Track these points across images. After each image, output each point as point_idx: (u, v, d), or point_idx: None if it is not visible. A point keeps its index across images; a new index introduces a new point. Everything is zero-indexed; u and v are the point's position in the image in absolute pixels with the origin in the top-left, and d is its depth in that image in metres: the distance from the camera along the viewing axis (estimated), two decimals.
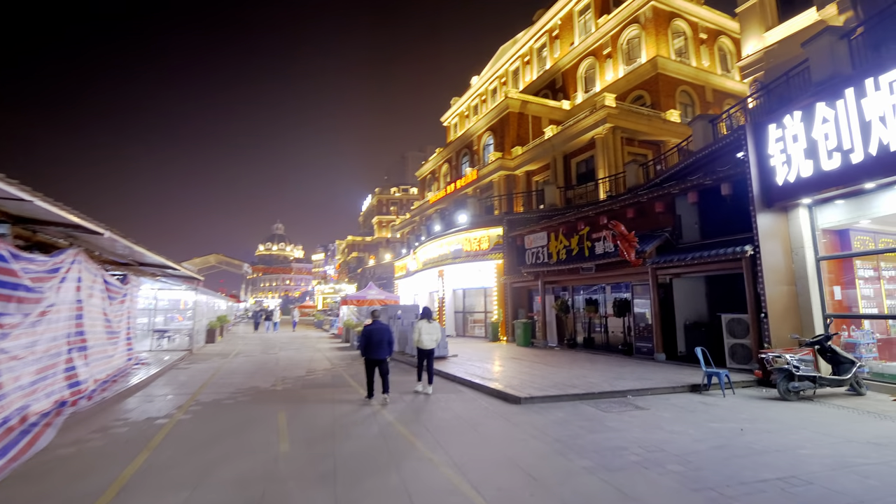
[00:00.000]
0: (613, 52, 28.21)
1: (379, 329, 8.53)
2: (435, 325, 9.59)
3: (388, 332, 8.63)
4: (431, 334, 9.40)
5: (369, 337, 8.43)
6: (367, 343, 8.40)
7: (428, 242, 25.28)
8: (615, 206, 14.30)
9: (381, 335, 8.46)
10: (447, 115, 48.07)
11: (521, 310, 19.67)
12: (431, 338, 9.37)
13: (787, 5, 16.58)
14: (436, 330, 9.53)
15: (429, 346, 9.30)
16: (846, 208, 9.16)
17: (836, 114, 8.43)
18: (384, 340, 8.45)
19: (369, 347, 8.38)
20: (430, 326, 9.44)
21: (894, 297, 9.61)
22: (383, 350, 8.43)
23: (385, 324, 8.79)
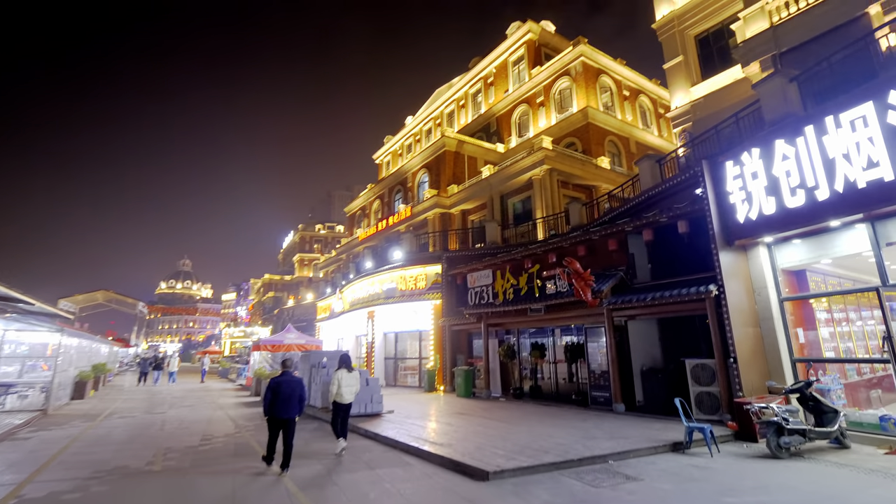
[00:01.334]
0: (546, 101, 29.15)
1: (289, 382, 7.25)
2: (355, 375, 8.68)
3: (299, 385, 7.36)
4: (351, 386, 8.46)
5: (277, 391, 7.11)
6: (274, 398, 7.08)
7: (357, 280, 23.19)
8: (565, 243, 13.58)
9: (292, 389, 7.19)
10: (380, 153, 47.16)
11: (461, 355, 18.10)
12: (351, 390, 8.45)
13: (709, 64, 17.77)
14: (356, 381, 8.62)
15: (348, 399, 8.38)
16: (806, 248, 8.94)
17: (796, 151, 8.27)
18: (294, 396, 7.18)
19: (276, 403, 7.06)
20: (349, 377, 8.49)
21: (846, 339, 9.47)
22: (292, 407, 7.14)
23: (297, 376, 7.58)
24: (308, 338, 20.48)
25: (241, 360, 36.64)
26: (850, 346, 9.34)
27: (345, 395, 8.30)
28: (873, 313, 8.79)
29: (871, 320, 9.11)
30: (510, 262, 15.14)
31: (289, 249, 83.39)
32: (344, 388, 8.29)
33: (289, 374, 7.49)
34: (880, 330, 7.95)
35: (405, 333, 21.50)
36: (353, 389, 8.47)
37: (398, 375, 21.21)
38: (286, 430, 7.08)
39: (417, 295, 19.39)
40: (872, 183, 7.22)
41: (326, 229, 77.32)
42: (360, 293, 22.58)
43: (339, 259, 41.43)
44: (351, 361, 8.84)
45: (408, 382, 20.39)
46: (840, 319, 9.50)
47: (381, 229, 33.25)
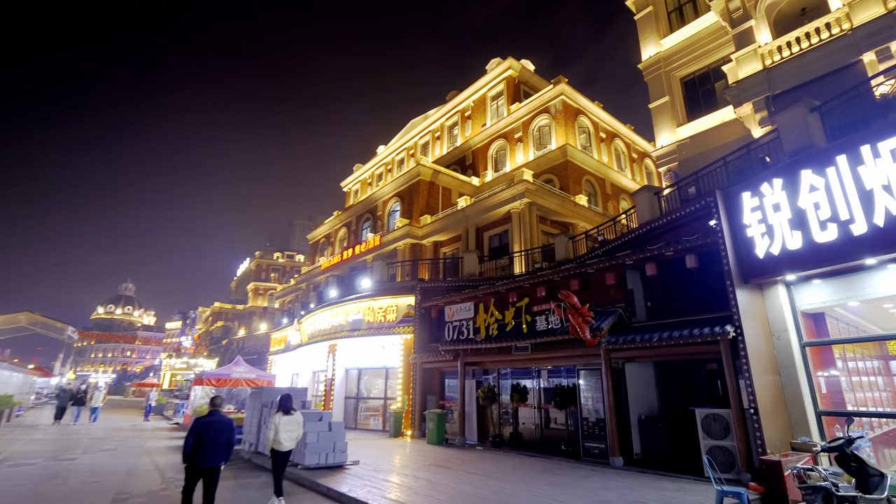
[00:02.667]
0: (524, 137, 29.03)
1: (217, 424, 6.32)
2: (296, 419, 7.88)
3: (228, 428, 6.44)
4: (291, 431, 7.70)
5: (202, 434, 6.16)
6: (198, 442, 6.13)
7: (319, 311, 21.24)
8: (556, 276, 12.53)
9: (219, 432, 6.27)
10: (349, 181, 45.86)
11: (432, 396, 16.39)
12: (291, 436, 7.68)
13: (695, 106, 17.88)
14: (297, 426, 7.85)
15: (287, 446, 7.59)
16: (830, 288, 8.21)
17: (826, 182, 7.63)
18: (221, 441, 6.26)
19: (199, 448, 6.10)
20: (289, 421, 7.72)
21: (873, 389, 8.69)
22: (218, 454, 6.24)
23: (226, 417, 6.68)
24: (259, 372, 18.24)
25: (181, 395, 33.00)
26: (876, 396, 8.55)
27: (283, 441, 7.49)
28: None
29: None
30: (494, 295, 13.91)
31: (243, 277, 79.13)
32: (282, 434, 7.51)
33: (217, 413, 6.52)
34: None
35: (370, 370, 19.57)
36: (293, 436, 7.68)
37: (359, 417, 19.09)
38: (208, 481, 6.15)
39: (386, 328, 17.71)
40: None
41: (285, 258, 74.13)
42: (322, 324, 20.62)
43: (299, 288, 39.00)
44: (291, 403, 8.01)
45: (370, 425, 18.31)
46: (865, 369, 8.73)
47: (347, 258, 31.47)
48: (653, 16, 19.85)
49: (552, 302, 11.48)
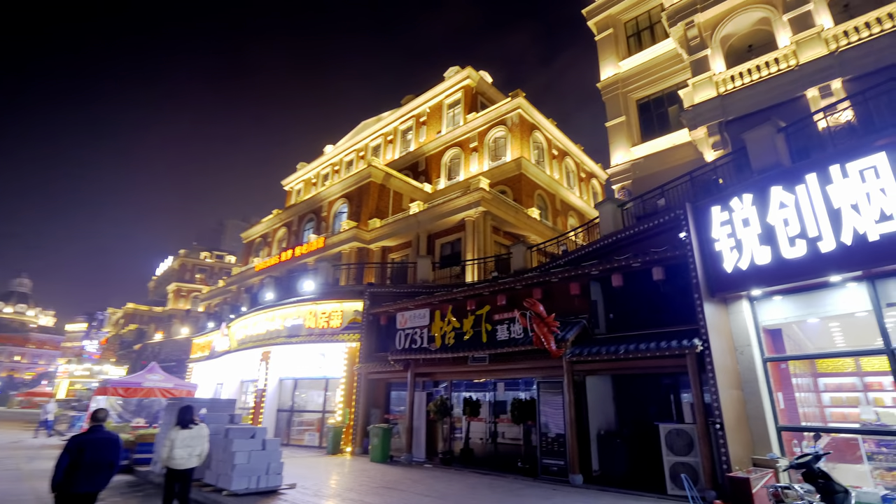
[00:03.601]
0: (480, 147, 28.91)
1: (99, 442, 5.47)
2: (198, 433, 7.02)
3: (114, 447, 5.63)
4: (191, 447, 6.83)
5: (79, 454, 5.24)
6: (74, 465, 5.19)
7: (252, 314, 19.41)
8: (518, 284, 12.06)
9: (101, 453, 5.40)
10: (291, 179, 43.62)
11: (376, 410, 15.26)
12: (191, 452, 6.81)
13: (649, 127, 18.44)
14: (200, 440, 6.98)
15: (184, 464, 6.73)
16: (792, 305, 8.31)
17: (796, 199, 7.72)
18: (104, 462, 5.42)
19: (76, 472, 5.17)
20: (188, 436, 6.86)
21: (828, 405, 8.88)
22: (100, 478, 5.40)
23: (112, 433, 5.85)
24: (177, 381, 16.21)
25: (79, 407, 29.05)
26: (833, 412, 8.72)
27: (178, 458, 6.66)
28: (862, 380, 8.26)
29: (857, 389, 8.54)
30: (451, 303, 13.20)
31: (164, 277, 72.69)
32: (178, 450, 6.68)
33: (101, 430, 5.66)
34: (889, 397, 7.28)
35: (307, 381, 18.03)
36: (193, 451, 6.82)
37: (292, 432, 17.44)
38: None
39: (330, 335, 16.39)
40: (886, 236, 6.69)
41: (214, 258, 69.07)
42: (255, 329, 18.81)
43: (228, 291, 36.12)
44: (192, 414, 7.16)
45: (304, 441, 16.73)
46: (826, 385, 8.91)
47: (286, 259, 29.52)
48: (613, 38, 20.44)
49: (516, 310, 10.95)
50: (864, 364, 9.08)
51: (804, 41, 12.95)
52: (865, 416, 8.62)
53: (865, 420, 8.44)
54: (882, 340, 7.05)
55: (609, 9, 20.89)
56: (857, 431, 7.63)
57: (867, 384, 9.04)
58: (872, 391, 9.08)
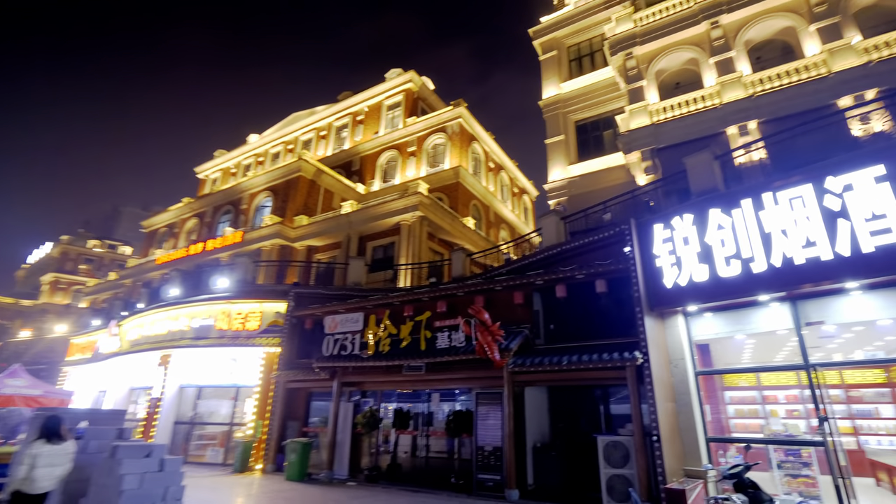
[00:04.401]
0: (418, 152, 28.48)
1: None
2: (64, 450, 5.76)
3: None
4: (55, 467, 5.58)
5: None
6: None
7: (151, 312, 17.06)
8: (459, 291, 11.67)
9: None
10: (207, 167, 40.04)
11: (294, 422, 13.93)
12: (52, 473, 5.55)
13: (586, 148, 19.20)
14: (64, 458, 5.74)
15: (44, 486, 5.47)
16: (722, 321, 8.74)
17: (733, 222, 8.16)
18: None
19: None
20: (52, 452, 5.60)
21: (752, 417, 9.42)
22: None
23: None
24: (48, 387, 13.73)
25: None
26: (749, 423, 9.25)
27: (39, 479, 5.36)
28: (780, 394, 8.84)
29: (782, 402, 9.16)
30: (388, 307, 12.45)
31: (39, 266, 62.98)
32: (40, 469, 5.37)
33: None
34: (803, 409, 7.80)
35: (213, 389, 16.08)
36: (55, 472, 5.57)
37: (191, 447, 15.37)
38: None
39: (245, 338, 14.79)
40: (811, 260, 7.22)
41: (105, 247, 61.27)
42: (154, 329, 16.52)
43: (120, 285, 31.91)
44: (60, 427, 5.84)
45: (206, 458, 14.80)
46: (748, 398, 9.44)
47: (196, 253, 26.73)
48: (556, 60, 21.15)
49: (460, 317, 10.49)
50: (774, 379, 9.79)
51: (727, 83, 14.18)
52: (774, 427, 9.29)
53: (775, 431, 9.09)
54: (802, 357, 7.57)
55: (554, 32, 21.63)
56: (778, 442, 8.11)
57: (767, 397, 9.84)
58: (771, 403, 9.90)
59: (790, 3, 14.22)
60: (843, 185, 7.09)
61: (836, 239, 6.94)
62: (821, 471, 8.05)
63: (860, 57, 12.35)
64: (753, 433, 9.76)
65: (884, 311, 7.07)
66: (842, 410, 9.91)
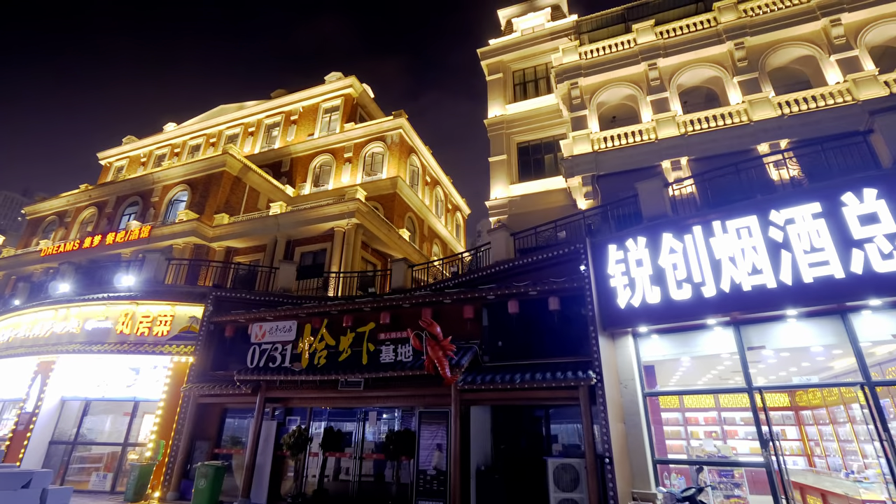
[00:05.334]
0: (355, 159, 27.53)
1: None
2: None
3: None
4: None
5: None
6: None
7: (31, 310, 14.37)
8: (405, 303, 11.05)
9: None
10: (113, 153, 35.87)
11: (203, 443, 12.25)
12: None
13: (527, 170, 19.60)
14: None
15: None
16: (669, 343, 9.00)
17: (684, 247, 8.50)
18: None
19: None
20: None
21: (697, 439, 9.71)
22: None
23: None
24: None
25: None
26: (679, 444, 9.53)
27: None
28: (701, 416, 9.19)
29: (722, 423, 9.53)
30: (324, 317, 11.46)
31: None
32: None
33: None
34: (746, 432, 8.13)
35: (105, 403, 13.74)
36: None
37: (70, 471, 12.89)
38: None
39: (151, 345, 12.88)
40: (757, 287, 7.64)
41: None
42: (34, 330, 13.88)
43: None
44: None
45: (91, 484, 12.45)
46: (693, 419, 9.73)
47: (92, 246, 23.46)
48: (502, 82, 21.60)
49: (409, 330, 9.84)
50: (695, 401, 10.24)
51: (662, 121, 15.21)
52: (707, 448, 9.70)
53: (709, 452, 9.48)
54: (744, 379, 7.95)
55: (501, 55, 22.14)
56: (728, 464, 8.36)
57: (689, 418, 10.30)
58: (693, 425, 10.37)
59: (717, 56, 15.71)
60: (785, 218, 7.63)
61: (779, 268, 7.40)
62: (750, 491, 8.46)
63: (775, 110, 13.84)
64: (677, 454, 10.17)
65: (817, 339, 7.63)
66: (751, 432, 10.67)
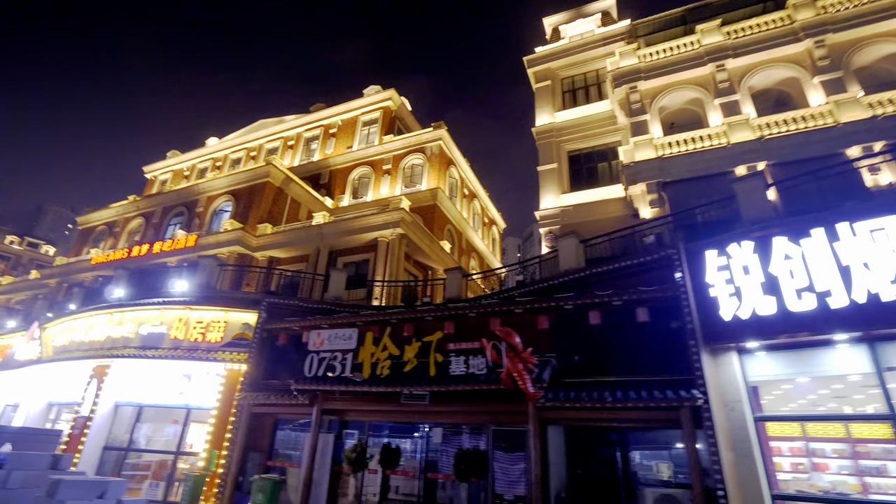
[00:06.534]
0: (394, 171, 27.33)
1: None
2: None
3: None
4: None
5: None
6: None
7: (87, 313, 14.34)
8: (471, 312, 10.37)
9: None
10: (157, 167, 36.88)
11: (256, 454, 11.75)
12: None
13: (578, 179, 18.84)
14: None
15: None
16: (782, 361, 8.02)
17: (802, 252, 7.59)
18: None
19: None
20: None
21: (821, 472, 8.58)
22: None
23: None
24: None
25: None
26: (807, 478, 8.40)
27: None
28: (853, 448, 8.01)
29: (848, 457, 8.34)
30: (384, 325, 10.89)
31: None
32: None
33: None
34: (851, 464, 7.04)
35: (157, 409, 13.46)
36: None
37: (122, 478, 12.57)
38: None
39: (204, 351, 12.56)
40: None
41: (25, 245, 54.45)
42: (90, 334, 13.80)
43: (43, 285, 27.76)
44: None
45: (142, 492, 12.09)
46: (814, 450, 8.56)
47: (140, 255, 23.77)
48: (550, 90, 21.04)
49: (485, 340, 9.14)
50: (822, 430, 8.99)
51: (734, 124, 14.30)
52: (819, 483, 8.52)
53: (822, 488, 8.31)
54: (885, 405, 6.91)
55: (549, 62, 21.63)
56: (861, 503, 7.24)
57: (813, 450, 9.06)
58: (817, 457, 9.12)
59: (794, 56, 14.77)
60: None
61: None
62: None
63: (865, 110, 12.79)
64: (782, 490, 8.97)
65: None
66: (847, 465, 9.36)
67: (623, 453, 9.28)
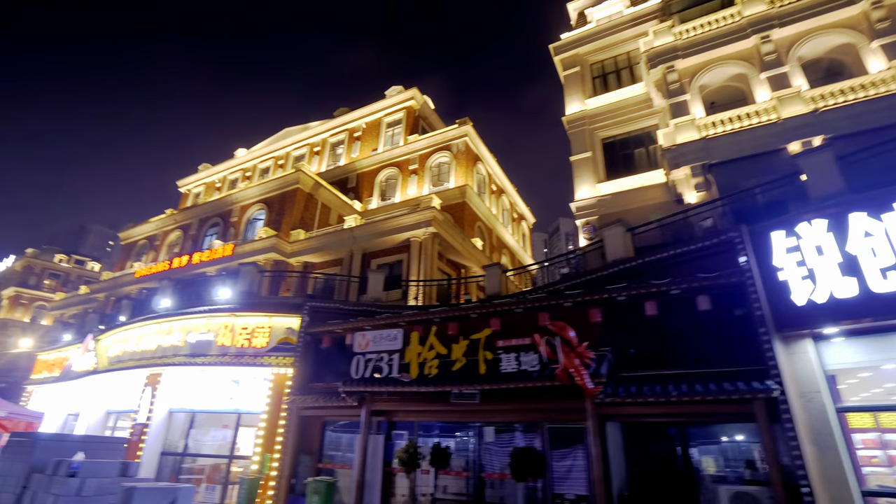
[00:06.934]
0: (420, 170, 27.17)
1: None
2: None
3: None
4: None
5: None
6: None
7: (137, 324, 14.75)
8: (517, 307, 10.07)
9: None
10: (190, 181, 37.79)
11: (306, 457, 11.78)
12: None
13: (614, 167, 18.20)
14: None
15: None
16: (861, 348, 7.42)
17: (885, 228, 6.98)
18: None
19: None
20: None
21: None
22: None
23: None
24: (13, 407, 11.23)
25: None
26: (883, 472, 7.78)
27: None
28: None
29: None
30: (428, 324, 10.70)
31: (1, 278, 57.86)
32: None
33: None
34: None
35: (208, 415, 13.72)
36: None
37: (180, 483, 12.86)
38: None
39: (251, 356, 12.70)
40: None
41: (72, 263, 57.01)
42: (140, 344, 14.18)
43: (92, 299, 28.90)
44: None
45: (201, 495, 12.33)
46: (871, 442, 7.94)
47: (180, 266, 24.37)
48: (579, 76, 20.43)
49: (536, 335, 8.85)
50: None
51: (785, 98, 13.47)
52: None
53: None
54: None
55: (576, 48, 21.01)
56: None
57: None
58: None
59: (848, 20, 13.81)
60: None
61: None
62: None
63: None
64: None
65: None
66: None
67: (683, 449, 8.82)
